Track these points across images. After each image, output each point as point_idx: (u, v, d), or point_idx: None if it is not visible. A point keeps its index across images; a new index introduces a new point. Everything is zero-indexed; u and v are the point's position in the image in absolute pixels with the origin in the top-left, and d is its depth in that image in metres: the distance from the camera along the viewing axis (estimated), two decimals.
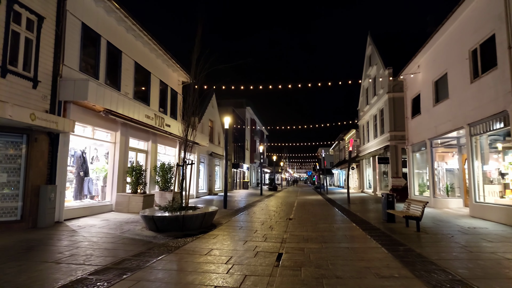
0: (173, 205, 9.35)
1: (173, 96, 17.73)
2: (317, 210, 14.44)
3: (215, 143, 26.68)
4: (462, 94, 12.00)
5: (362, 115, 31.24)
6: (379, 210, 14.07)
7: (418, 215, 8.57)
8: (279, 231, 8.78)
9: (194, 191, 20.77)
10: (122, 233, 7.96)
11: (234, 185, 34.67)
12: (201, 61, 10.09)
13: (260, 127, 53.05)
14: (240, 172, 38.29)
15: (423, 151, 16.38)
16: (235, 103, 37.84)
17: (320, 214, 13.09)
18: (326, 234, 8.33)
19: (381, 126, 24.34)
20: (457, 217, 11.49)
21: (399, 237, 7.83)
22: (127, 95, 12.63)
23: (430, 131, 14.83)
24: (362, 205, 16.72)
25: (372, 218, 11.58)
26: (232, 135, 33.00)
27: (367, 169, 30.58)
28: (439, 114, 14.00)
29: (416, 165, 17.59)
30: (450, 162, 15.47)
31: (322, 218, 11.61)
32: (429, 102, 15.00)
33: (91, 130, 10.96)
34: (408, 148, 18.07)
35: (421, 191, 17.11)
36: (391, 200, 10.50)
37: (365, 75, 29.91)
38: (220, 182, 28.21)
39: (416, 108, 16.85)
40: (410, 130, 17.79)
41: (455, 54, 12.57)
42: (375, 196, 24.89)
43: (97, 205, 11.13)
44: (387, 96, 22.00)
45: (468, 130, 11.61)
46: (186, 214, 8.49)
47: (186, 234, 8.03)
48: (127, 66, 12.85)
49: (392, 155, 21.62)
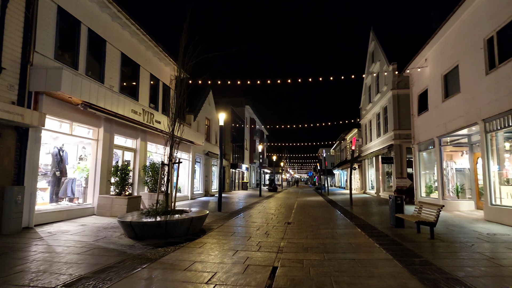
0: (157, 208, 8.37)
1: (166, 91, 16.76)
2: (318, 213, 13.46)
3: (212, 142, 25.71)
4: (476, 87, 11.00)
5: (365, 114, 30.26)
6: (384, 213, 13.09)
7: (432, 220, 7.58)
8: (275, 238, 7.80)
9: (189, 192, 19.80)
10: (95, 242, 6.98)
11: (233, 186, 33.69)
12: (190, 49, 9.13)
13: (260, 127, 52.07)
14: (239, 173, 37.31)
15: (431, 150, 15.39)
16: (234, 101, 36.88)
17: (321, 217, 12.12)
18: (328, 242, 7.35)
19: (385, 124, 23.35)
20: (470, 221, 10.49)
21: (412, 245, 6.84)
22: (112, 88, 11.66)
23: (439, 129, 13.84)
24: (365, 207, 15.73)
25: (378, 222, 10.59)
26: (230, 134, 32.06)
27: (369, 170, 29.58)
28: (449, 110, 13.01)
29: (423, 165, 16.60)
30: (460, 161, 14.48)
31: (324, 222, 10.63)
32: (438, 98, 14.01)
33: (69, 125, 9.97)
34: (414, 147, 17.08)
35: (428, 192, 16.12)
36: (399, 203, 9.51)
37: (368, 72, 28.92)
38: (217, 183, 27.22)
39: (423, 104, 15.87)
40: (417, 128, 16.80)
41: (467, 44, 11.59)
42: (378, 197, 23.89)
43: (76, 209, 10.14)
44: (391, 93, 21.01)
45: (483, 126, 10.61)
46: (170, 219, 7.51)
47: (169, 242, 7.05)
48: (112, 57, 11.89)
49: (397, 154, 20.63)
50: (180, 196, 18.81)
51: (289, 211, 14.41)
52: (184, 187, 19.67)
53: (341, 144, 50.38)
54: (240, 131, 37.52)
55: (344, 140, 45.99)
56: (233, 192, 30.25)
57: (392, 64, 20.97)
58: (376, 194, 25.41)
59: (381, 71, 23.80)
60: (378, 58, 24.74)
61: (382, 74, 23.65)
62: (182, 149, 19.03)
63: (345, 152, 46.37)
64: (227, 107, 31.51)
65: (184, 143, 18.26)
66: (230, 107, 31.73)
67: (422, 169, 16.55)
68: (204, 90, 23.52)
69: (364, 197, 24.75)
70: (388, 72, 21.99)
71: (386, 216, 11.99)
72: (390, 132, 21.37)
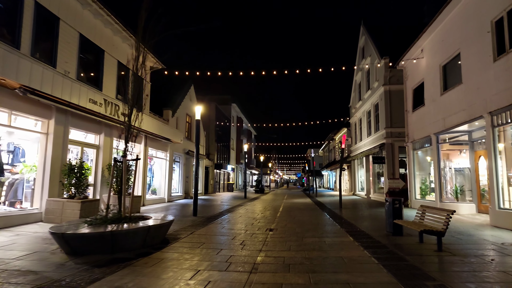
0: (108, 215, 6.84)
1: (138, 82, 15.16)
2: (305, 217, 12.10)
3: (193, 140, 24.10)
4: (482, 76, 9.81)
5: (354, 112, 29.14)
6: (377, 218, 11.82)
7: (441, 229, 6.27)
8: (251, 251, 6.38)
9: (165, 194, 18.21)
10: (18, 259, 5.43)
11: (217, 188, 32.12)
12: (152, 22, 7.67)
13: (248, 126, 50.63)
14: (224, 174, 35.74)
15: (427, 148, 14.22)
16: (220, 99, 35.34)
17: (308, 222, 10.75)
18: (315, 256, 5.97)
19: (376, 122, 22.20)
20: (476, 227, 9.26)
21: (418, 261, 5.51)
22: (67, 74, 10.06)
23: (437, 125, 12.65)
24: (356, 211, 14.44)
25: (371, 228, 9.28)
26: (215, 133, 30.50)
27: (359, 170, 28.45)
28: (448, 103, 11.83)
29: (418, 164, 15.44)
30: (460, 161, 13.32)
31: (311, 229, 9.26)
32: (436, 91, 12.84)
33: (7, 115, 8.33)
34: (408, 145, 15.92)
35: (423, 194, 14.95)
36: (398, 207, 8.20)
37: (358, 68, 27.82)
38: (200, 184, 25.64)
39: (419, 99, 14.70)
40: (411, 125, 15.63)
41: (471, 29, 10.40)
42: (368, 199, 22.72)
43: (17, 214, 8.50)
44: (383, 88, 19.85)
45: (489, 120, 9.41)
46: (118, 229, 6.00)
47: (115, 259, 5.55)
48: (68, 39, 10.29)
49: (388, 154, 19.46)
50: (155, 199, 17.21)
51: (274, 214, 13.02)
52: (160, 189, 18.08)
53: (329, 144, 49.34)
54: (226, 130, 36.01)
55: (332, 140, 44.95)
56: (217, 194, 28.70)
57: (384, 58, 19.82)
58: (366, 196, 24.26)
59: (372, 66, 22.66)
60: (369, 53, 23.61)
61: (373, 69, 22.52)
62: (157, 147, 17.49)
63: (333, 152, 45.33)
64: (211, 103, 29.99)
65: (159, 140, 16.71)
66: (214, 104, 30.19)
67: (417, 169, 15.38)
68: (184, 84, 21.96)
69: (354, 199, 23.55)
70: (379, 67, 20.85)
71: (380, 221, 10.72)
72: (382, 130, 20.22)
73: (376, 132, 21.66)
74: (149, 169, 17.02)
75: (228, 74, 15.86)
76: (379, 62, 20.89)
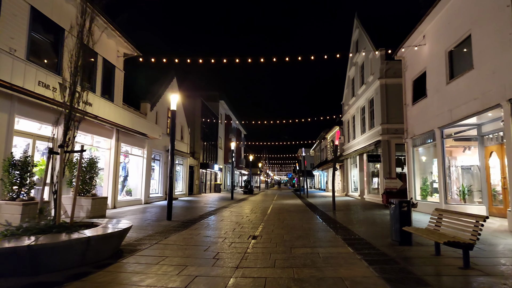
0: (39, 222, 5.27)
1: (108, 70, 13.56)
2: (295, 221, 10.67)
3: (177, 137, 22.48)
4: (499, 58, 8.51)
5: (347, 109, 27.88)
6: (376, 221, 10.45)
7: (468, 240, 4.87)
8: (225, 268, 4.92)
9: (142, 195, 16.58)
10: None
11: (203, 188, 30.48)
12: None
13: (237, 125, 49.10)
14: (210, 174, 34.13)
15: (429, 145, 12.93)
16: (207, 96, 33.76)
17: (298, 227, 9.32)
18: (307, 276, 4.53)
19: (371, 119, 20.94)
20: (494, 233, 7.94)
21: (446, 285, 4.11)
22: (13, 52, 8.43)
23: (442, 118, 11.36)
24: (351, 213, 13.06)
25: (372, 235, 7.88)
26: (201, 130, 28.88)
27: (352, 170, 27.20)
28: (456, 92, 10.54)
29: (418, 163, 14.15)
30: (466, 158, 12.04)
31: (301, 236, 7.83)
32: (441, 80, 11.55)
33: None
34: (408, 142, 14.63)
35: (424, 195, 13.67)
36: (406, 211, 6.80)
37: (351, 63, 26.59)
38: (183, 184, 24.02)
39: (420, 90, 13.42)
40: (411, 120, 14.35)
41: (485, 5, 9.11)
42: (362, 200, 21.43)
43: None
44: (379, 82, 18.59)
45: (509, 109, 8.09)
46: (40, 242, 4.45)
47: (35, 283, 4.05)
48: (14, 11, 8.66)
49: (385, 151, 18.19)
50: (130, 200, 15.58)
51: (261, 218, 11.57)
52: (136, 189, 16.44)
53: (321, 143, 48.16)
54: (213, 128, 34.42)
55: (324, 139, 43.75)
56: (202, 195, 27.10)
57: (380, 50, 18.56)
58: (360, 196, 22.98)
59: (367, 60, 21.41)
60: (363, 46, 22.35)
61: (368, 63, 21.27)
62: (133, 143, 15.86)
63: (325, 152, 44.13)
64: (197, 99, 28.41)
65: (134, 135, 15.11)
66: (200, 99, 28.58)
67: (417, 168, 14.09)
68: (166, 76, 20.36)
69: (347, 200, 22.23)
70: (375, 59, 19.60)
71: (380, 226, 9.35)
72: (377, 126, 18.94)
73: (371, 129, 20.39)
74: (123, 167, 15.39)
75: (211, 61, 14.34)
76: (374, 56, 19.64)
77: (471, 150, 11.99)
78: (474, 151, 11.53)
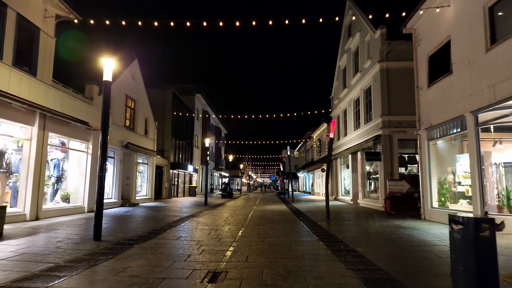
0: None
1: (28, 32, 10.02)
2: (280, 238, 7.46)
3: (138, 131, 18.90)
4: None
5: (337, 104, 25.01)
6: (393, 239, 7.34)
7: None
8: None
9: (85, 202, 12.98)
10: None
11: (173, 191, 26.82)
12: None
13: (216, 123, 45.66)
14: (184, 175, 30.52)
15: (455, 135, 10.02)
16: (181, 89, 30.26)
17: (285, 251, 6.11)
18: None
19: (367, 111, 18.07)
20: None
21: None
22: None
23: (477, 98, 8.46)
24: (350, 224, 9.95)
25: (404, 269, 4.74)
26: (172, 126, 25.32)
27: (342, 171, 24.31)
28: (502, 62, 7.64)
29: (436, 160, 11.26)
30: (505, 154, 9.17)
31: (291, 272, 4.64)
32: (476, 48, 8.65)
33: None
34: (421, 134, 11.73)
35: (442, 201, 10.78)
36: (488, 237, 3.71)
37: (342, 51, 23.76)
38: (148, 187, 20.42)
39: (440, 67, 10.54)
40: (426, 106, 11.45)
41: None
42: (356, 206, 18.49)
43: None
44: (379, 66, 15.71)
45: None
46: None
47: None
48: None
49: (385, 148, 15.29)
50: (66, 208, 12.01)
51: (235, 232, 8.34)
52: (77, 194, 12.82)
53: (306, 144, 45.35)
54: (187, 124, 30.90)
55: (310, 139, 40.93)
56: (172, 200, 23.52)
57: (380, 28, 15.70)
58: (353, 201, 20.06)
59: (363, 43, 18.55)
60: (358, 28, 19.50)
61: (363, 47, 18.41)
62: (71, 134, 12.09)
63: (311, 152, 41.30)
64: (168, 90, 24.89)
65: (72, 124, 11.58)
66: (172, 90, 25.03)
67: (434, 167, 11.19)
68: (124, 55, 16.82)
69: (338, 205, 19.22)
70: (373, 40, 16.74)
71: (406, 250, 6.25)
72: (377, 119, 16.04)
73: (368, 123, 17.50)
74: (56, 165, 11.80)
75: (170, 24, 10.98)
76: (372, 37, 16.78)
77: (499, 145, 9.17)
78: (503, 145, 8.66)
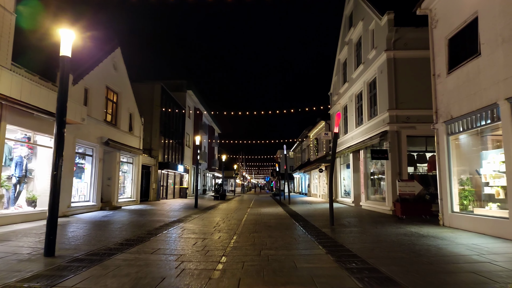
0: None
1: None
2: (280, 251, 5.93)
3: (121, 127, 17.24)
4: None
5: (337, 100, 23.62)
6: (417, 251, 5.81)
7: None
8: None
9: None
10: None
11: (162, 193, 25.16)
12: None
13: (209, 122, 44.08)
14: (174, 176, 28.87)
15: (483, 128, 8.63)
16: (171, 84, 28.66)
17: (288, 271, 4.54)
18: None
19: (371, 106, 16.69)
20: None
21: None
22: None
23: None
24: (360, 232, 8.47)
25: None
26: (160, 123, 23.67)
27: (342, 170, 22.93)
28: None
29: (458, 157, 9.86)
30: None
31: None
32: (508, 24, 7.27)
33: None
34: (439, 128, 10.33)
35: (465, 205, 9.39)
36: None
37: (342, 44, 22.37)
38: (133, 188, 18.78)
39: (463, 50, 9.16)
40: (445, 96, 10.05)
41: None
42: (358, 208, 17.10)
43: None
44: (385, 55, 14.32)
45: None
46: None
47: None
48: None
49: (393, 146, 13.91)
50: (31, 213, 10.37)
51: (226, 242, 6.81)
52: (46, 196, 11.10)
53: (302, 143, 43.99)
54: (177, 122, 29.28)
55: (306, 138, 39.57)
56: (160, 202, 21.89)
57: (387, 13, 14.33)
58: (354, 203, 18.67)
59: (366, 32, 17.18)
60: (360, 17, 18.12)
61: (367, 36, 17.03)
62: (38, 128, 10.29)
63: (307, 152, 39.93)
64: (156, 84, 23.27)
65: (38, 116, 9.97)
66: (160, 85, 23.40)
67: (455, 165, 9.80)
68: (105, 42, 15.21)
69: (339, 208, 17.79)
70: (379, 28, 15.37)
71: (443, 269, 4.69)
72: (383, 113, 14.65)
73: (372, 119, 16.11)
74: (18, 163, 10.17)
75: None
76: (378, 23, 15.41)
77: None
78: None
